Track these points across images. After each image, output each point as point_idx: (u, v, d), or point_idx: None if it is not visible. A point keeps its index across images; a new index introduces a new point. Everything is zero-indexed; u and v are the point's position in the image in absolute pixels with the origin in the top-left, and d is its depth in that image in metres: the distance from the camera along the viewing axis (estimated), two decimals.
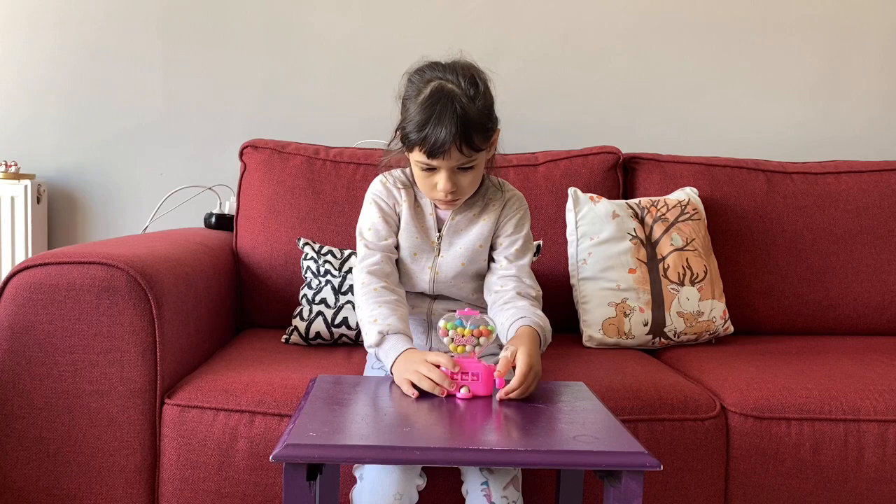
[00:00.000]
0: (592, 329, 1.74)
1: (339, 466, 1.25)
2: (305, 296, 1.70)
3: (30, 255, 2.05)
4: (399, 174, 1.45)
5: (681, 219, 1.81)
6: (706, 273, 1.78)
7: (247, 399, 1.33)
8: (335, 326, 1.65)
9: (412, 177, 1.40)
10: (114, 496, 1.32)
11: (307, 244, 1.75)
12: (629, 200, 1.85)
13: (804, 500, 1.40)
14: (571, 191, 1.83)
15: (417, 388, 1.17)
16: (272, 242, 1.83)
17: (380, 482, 1.14)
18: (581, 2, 2.34)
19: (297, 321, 1.67)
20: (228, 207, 2.09)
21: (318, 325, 1.64)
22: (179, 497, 1.32)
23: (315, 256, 1.72)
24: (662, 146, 2.10)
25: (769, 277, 1.94)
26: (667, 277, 1.75)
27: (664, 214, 1.81)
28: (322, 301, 1.67)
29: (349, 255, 1.72)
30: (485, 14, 2.33)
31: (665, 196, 1.89)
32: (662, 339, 1.75)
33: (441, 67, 1.32)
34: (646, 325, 1.73)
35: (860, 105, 2.39)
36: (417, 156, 1.31)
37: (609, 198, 1.86)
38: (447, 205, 1.40)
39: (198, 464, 1.31)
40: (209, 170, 2.29)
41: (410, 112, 1.29)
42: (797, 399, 1.41)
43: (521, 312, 1.31)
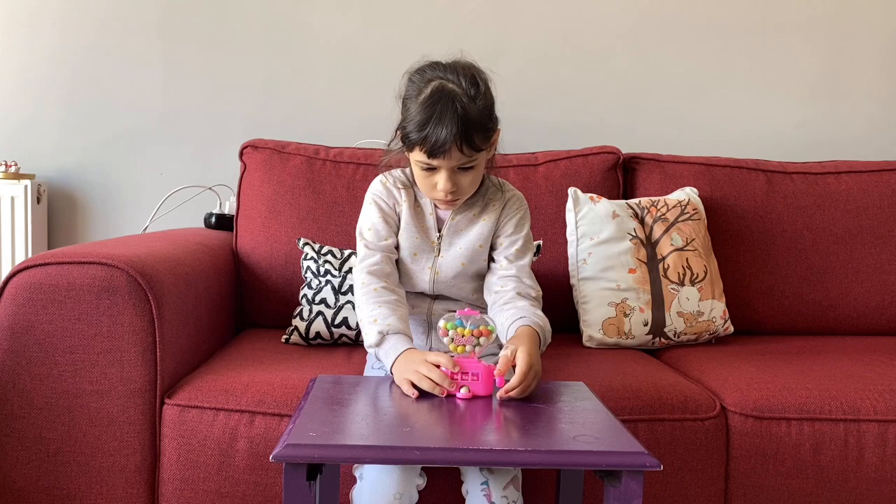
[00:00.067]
0: (592, 329, 1.74)
1: (339, 466, 1.25)
2: (305, 296, 1.70)
3: (30, 255, 2.05)
4: (399, 174, 1.45)
5: (681, 219, 1.81)
6: (706, 273, 1.78)
7: (247, 399, 1.33)
8: (335, 326, 1.65)
9: (412, 177, 1.40)
10: (114, 496, 1.32)
11: (307, 244, 1.75)
12: (629, 200, 1.85)
13: (804, 500, 1.40)
14: (571, 191, 1.83)
15: (417, 388, 1.17)
16: (272, 242, 1.83)
17: (380, 482, 1.14)
18: (581, 2, 2.34)
19: (297, 321, 1.67)
20: (228, 207, 2.09)
21: (318, 325, 1.64)
22: (179, 497, 1.32)
23: (315, 256, 1.72)
24: (662, 146, 2.10)
25: (769, 277, 1.94)
26: (667, 277, 1.75)
27: (664, 214, 1.81)
28: (322, 301, 1.67)
29: (349, 255, 1.72)
30: (485, 14, 2.33)
31: (665, 196, 1.89)
32: (662, 339, 1.75)
33: (442, 67, 1.32)
34: (646, 325, 1.73)
35: (860, 105, 2.39)
36: (418, 155, 1.31)
37: (609, 198, 1.86)
38: (447, 205, 1.40)
39: (198, 464, 1.31)
40: (209, 170, 2.29)
41: (411, 111, 1.29)
42: (797, 399, 1.41)
43: (521, 312, 1.31)
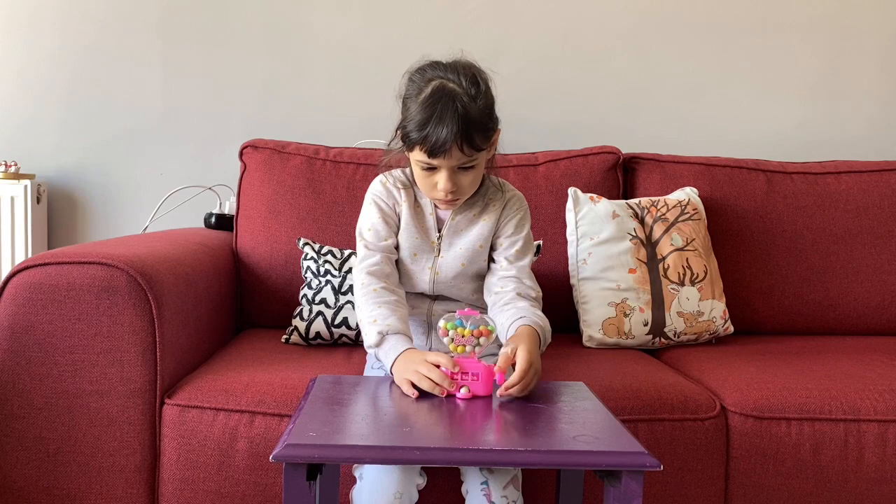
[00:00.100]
0: (592, 329, 1.74)
1: (339, 466, 1.25)
2: (305, 296, 1.70)
3: (30, 255, 2.05)
4: (399, 174, 1.45)
5: (681, 219, 1.81)
6: (706, 273, 1.78)
7: (247, 399, 1.33)
8: (335, 326, 1.65)
9: (412, 177, 1.40)
10: (114, 496, 1.32)
11: (307, 244, 1.75)
12: (629, 200, 1.85)
13: (804, 500, 1.40)
14: (571, 191, 1.83)
15: (417, 388, 1.17)
16: (272, 242, 1.83)
17: (380, 482, 1.14)
18: (581, 2, 2.34)
19: (297, 321, 1.67)
20: (228, 207, 2.09)
21: (318, 325, 1.64)
22: (179, 497, 1.32)
23: (315, 256, 1.72)
24: (662, 146, 2.10)
25: (769, 277, 1.94)
26: (667, 277, 1.75)
27: (664, 214, 1.81)
28: (322, 301, 1.67)
29: (349, 256, 1.72)
30: (485, 14, 2.33)
31: (665, 196, 1.89)
32: (662, 339, 1.75)
33: (442, 67, 1.32)
34: (646, 325, 1.73)
35: (860, 105, 2.39)
36: (418, 155, 1.31)
37: (609, 198, 1.86)
38: (447, 205, 1.40)
39: (198, 464, 1.31)
40: (209, 170, 2.29)
41: (411, 111, 1.29)
42: (797, 399, 1.41)
43: (521, 312, 1.31)
